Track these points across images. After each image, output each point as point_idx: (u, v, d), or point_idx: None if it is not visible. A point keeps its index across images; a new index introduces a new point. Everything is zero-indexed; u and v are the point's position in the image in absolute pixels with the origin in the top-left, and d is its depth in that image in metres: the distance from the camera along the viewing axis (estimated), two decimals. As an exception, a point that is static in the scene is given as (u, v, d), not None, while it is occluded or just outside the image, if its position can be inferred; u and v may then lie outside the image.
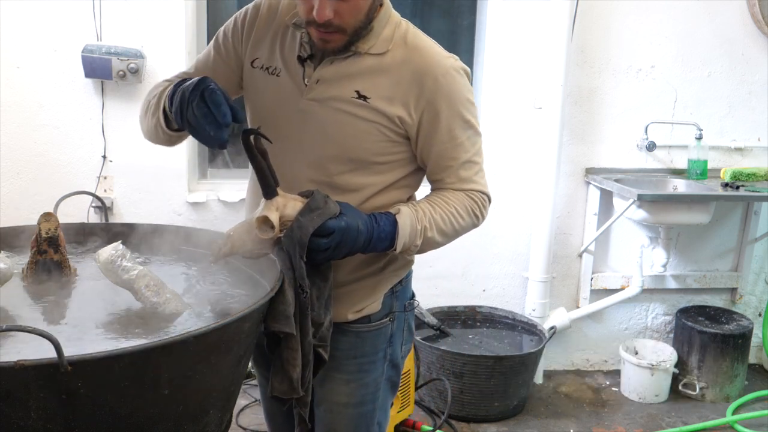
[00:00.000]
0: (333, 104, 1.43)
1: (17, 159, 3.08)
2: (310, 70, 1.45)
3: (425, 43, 1.47)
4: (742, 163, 3.56)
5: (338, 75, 1.43)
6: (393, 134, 1.45)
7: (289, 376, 1.36)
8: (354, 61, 1.43)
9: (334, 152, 1.45)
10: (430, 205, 1.47)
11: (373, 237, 1.38)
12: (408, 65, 1.42)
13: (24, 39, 2.99)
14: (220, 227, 3.09)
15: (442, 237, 1.48)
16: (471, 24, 3.46)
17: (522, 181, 3.44)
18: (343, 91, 1.43)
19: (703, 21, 3.41)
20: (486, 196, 1.55)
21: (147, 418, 1.11)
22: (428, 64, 1.43)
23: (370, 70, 1.43)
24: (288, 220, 1.33)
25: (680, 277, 3.65)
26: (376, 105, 1.42)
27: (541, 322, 3.43)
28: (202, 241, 1.63)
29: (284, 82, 1.47)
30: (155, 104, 1.49)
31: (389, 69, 1.42)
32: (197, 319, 1.31)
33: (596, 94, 3.42)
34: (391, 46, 1.43)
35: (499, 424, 3.13)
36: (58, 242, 1.46)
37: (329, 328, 1.42)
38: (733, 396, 3.42)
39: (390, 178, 1.50)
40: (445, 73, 1.43)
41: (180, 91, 1.29)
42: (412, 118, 1.44)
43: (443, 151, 1.47)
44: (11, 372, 0.95)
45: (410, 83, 1.42)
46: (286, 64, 1.47)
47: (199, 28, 3.22)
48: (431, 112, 1.43)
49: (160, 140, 1.54)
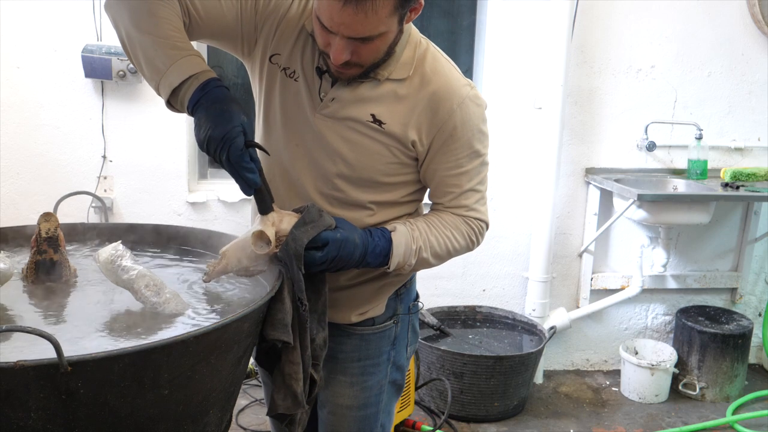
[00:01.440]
0: (347, 124, 1.41)
1: (17, 159, 3.08)
2: (327, 85, 1.41)
3: (444, 68, 1.43)
4: (742, 163, 3.56)
5: (355, 98, 1.40)
6: (404, 156, 1.44)
7: (293, 391, 1.34)
8: (372, 85, 1.40)
9: (344, 170, 1.43)
10: (427, 226, 1.47)
11: (368, 251, 1.38)
12: (425, 90, 1.40)
13: (24, 39, 2.99)
14: (220, 227, 3.11)
15: (436, 259, 1.48)
16: (471, 24, 3.46)
17: (522, 181, 3.44)
18: (359, 113, 1.40)
19: (703, 21, 3.41)
20: (484, 223, 1.54)
21: (147, 418, 1.11)
22: (445, 91, 1.40)
23: (387, 95, 1.40)
24: (284, 235, 1.32)
25: (680, 277, 3.65)
26: (392, 130, 1.40)
27: (541, 322, 3.43)
28: (202, 241, 1.63)
29: (301, 89, 1.43)
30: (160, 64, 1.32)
31: (407, 95, 1.40)
32: (197, 319, 1.31)
33: (596, 94, 3.42)
34: (411, 71, 1.40)
35: (499, 424, 3.13)
36: (58, 242, 1.46)
37: (323, 347, 1.41)
38: (733, 396, 3.42)
39: (396, 195, 1.49)
40: (461, 103, 1.41)
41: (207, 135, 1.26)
42: (423, 143, 1.43)
43: (447, 177, 1.46)
44: (11, 372, 0.95)
45: (425, 108, 1.40)
46: (304, 70, 1.43)
47: (199, 28, 3.21)
48: (441, 139, 1.42)
49: (140, 71, 1.38)
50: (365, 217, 1.47)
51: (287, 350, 1.33)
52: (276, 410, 1.36)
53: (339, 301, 1.51)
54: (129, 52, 1.36)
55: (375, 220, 1.48)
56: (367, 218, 1.47)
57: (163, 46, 1.31)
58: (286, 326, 1.31)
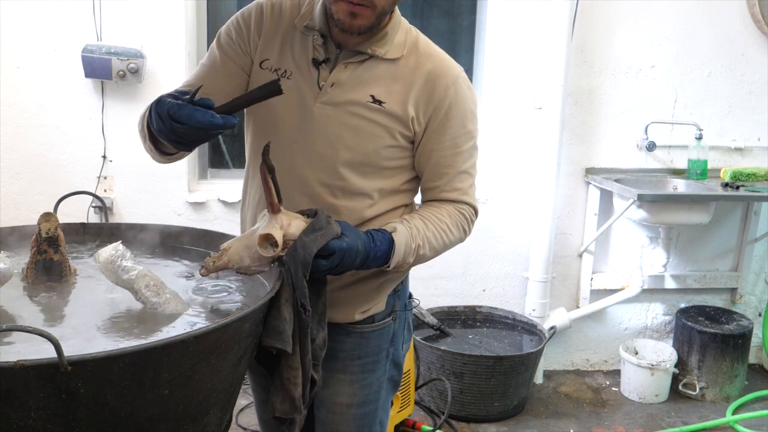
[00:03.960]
0: (348, 108, 1.44)
1: (17, 159, 3.08)
2: (326, 73, 1.45)
3: (436, 51, 1.51)
4: (742, 163, 3.56)
5: (353, 80, 1.44)
6: (403, 139, 1.47)
7: (291, 395, 1.34)
8: (369, 66, 1.45)
9: (346, 156, 1.45)
10: (423, 222, 1.48)
11: (370, 256, 1.39)
12: (420, 70, 1.46)
13: (24, 39, 2.99)
14: (220, 227, 3.11)
15: (432, 253, 1.50)
16: (471, 24, 3.46)
17: (522, 181, 3.44)
18: (359, 95, 1.44)
19: (703, 21, 3.41)
20: (474, 211, 1.56)
21: (147, 418, 1.11)
22: (441, 69, 1.47)
23: (384, 75, 1.45)
24: (291, 239, 1.31)
25: (680, 277, 3.65)
26: (392, 109, 1.44)
27: (541, 322, 3.43)
28: (202, 241, 1.63)
29: (296, 85, 1.46)
30: (141, 131, 1.46)
31: (403, 74, 1.45)
32: (197, 319, 1.31)
33: (596, 94, 3.42)
34: (405, 51, 1.46)
35: (499, 424, 3.13)
36: (58, 242, 1.46)
37: (322, 347, 1.41)
38: (733, 396, 3.42)
39: (396, 182, 1.52)
40: (455, 81, 1.47)
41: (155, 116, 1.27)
42: (420, 122, 1.46)
43: (443, 157, 1.49)
44: (11, 372, 0.95)
45: (422, 87, 1.45)
46: (298, 67, 1.46)
47: (199, 28, 3.22)
48: (438, 117, 1.46)
49: (161, 161, 1.53)
50: (366, 207, 1.48)
51: (286, 355, 1.33)
52: (274, 413, 1.36)
53: (341, 300, 1.51)
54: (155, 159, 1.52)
55: (374, 211, 1.50)
56: (367, 209, 1.49)
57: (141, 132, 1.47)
58: (280, 333, 1.30)
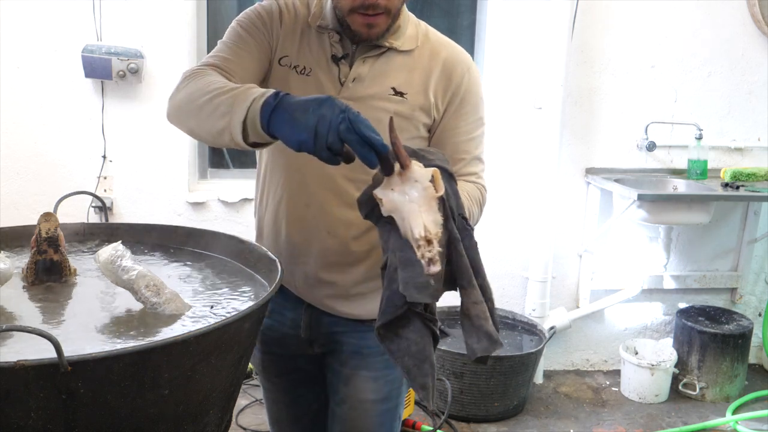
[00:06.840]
0: (371, 102, 1.44)
1: (17, 159, 3.08)
2: (346, 69, 1.46)
3: (447, 40, 1.55)
4: (742, 163, 3.56)
5: (373, 73, 1.46)
6: (424, 129, 1.49)
7: (486, 330, 1.25)
8: (387, 59, 1.47)
9: None
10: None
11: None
12: (437, 58, 1.49)
13: (24, 39, 2.99)
14: (220, 227, 3.11)
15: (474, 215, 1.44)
16: (471, 23, 3.46)
17: (522, 181, 3.44)
18: (380, 88, 1.46)
19: (703, 21, 3.41)
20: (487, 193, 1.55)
21: (147, 418, 1.10)
22: (456, 56, 1.51)
23: (402, 66, 1.47)
24: None
25: (680, 277, 3.65)
26: (414, 99, 1.46)
27: (541, 322, 3.43)
28: (201, 241, 1.63)
29: (317, 81, 1.46)
30: (224, 109, 1.26)
31: (420, 63, 1.48)
32: (197, 319, 1.31)
33: (596, 94, 3.42)
34: (419, 42, 1.50)
35: (499, 424, 3.13)
36: (58, 242, 1.46)
37: None
38: (733, 396, 3.42)
39: None
40: (470, 68, 1.51)
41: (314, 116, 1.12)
42: (438, 110, 1.49)
43: (459, 143, 1.50)
44: (11, 372, 0.95)
45: (440, 75, 1.48)
46: (317, 63, 1.47)
47: (199, 28, 3.22)
48: (455, 103, 1.49)
49: (218, 144, 1.39)
50: None
51: (467, 293, 1.27)
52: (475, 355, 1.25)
53: (363, 295, 1.53)
54: (201, 138, 1.46)
55: None
56: None
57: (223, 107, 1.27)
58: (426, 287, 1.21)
